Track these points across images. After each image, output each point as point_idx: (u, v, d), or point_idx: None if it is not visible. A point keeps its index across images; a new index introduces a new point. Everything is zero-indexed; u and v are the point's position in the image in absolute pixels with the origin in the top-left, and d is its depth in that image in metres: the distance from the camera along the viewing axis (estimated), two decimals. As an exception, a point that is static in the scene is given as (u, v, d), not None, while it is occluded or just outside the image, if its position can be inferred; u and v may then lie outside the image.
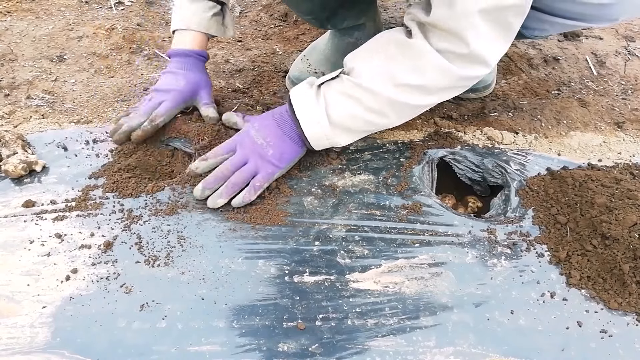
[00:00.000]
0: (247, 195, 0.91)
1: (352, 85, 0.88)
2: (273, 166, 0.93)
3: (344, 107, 0.90)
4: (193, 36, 1.05)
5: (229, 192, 0.91)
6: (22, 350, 0.72)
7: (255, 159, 0.93)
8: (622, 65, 1.35)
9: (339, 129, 0.92)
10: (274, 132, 0.94)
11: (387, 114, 0.90)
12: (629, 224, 0.83)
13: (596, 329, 0.77)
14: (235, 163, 0.92)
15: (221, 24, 1.09)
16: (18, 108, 1.14)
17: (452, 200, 1.03)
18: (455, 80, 0.87)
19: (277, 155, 0.93)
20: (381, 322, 0.77)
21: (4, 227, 0.88)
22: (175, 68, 1.04)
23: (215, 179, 0.91)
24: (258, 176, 0.92)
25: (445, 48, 0.83)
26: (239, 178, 0.91)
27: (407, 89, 0.87)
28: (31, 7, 1.49)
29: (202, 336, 0.74)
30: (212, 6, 1.05)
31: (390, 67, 0.87)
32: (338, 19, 1.15)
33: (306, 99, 0.91)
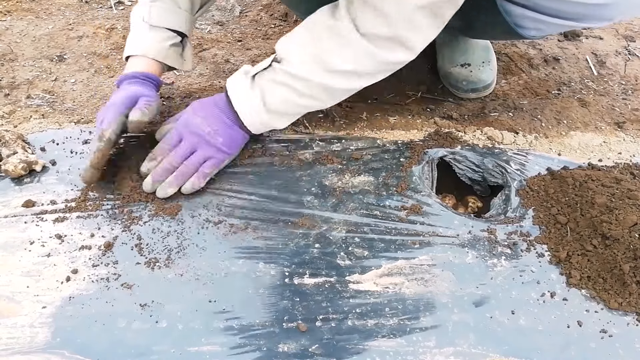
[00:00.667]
0: (197, 182, 0.92)
1: (285, 74, 0.91)
2: (223, 153, 0.95)
3: (279, 95, 0.92)
4: (147, 64, 1.01)
5: (178, 181, 0.92)
6: (22, 350, 0.72)
7: (204, 147, 0.93)
8: (622, 65, 1.35)
9: (275, 114, 0.95)
10: (220, 119, 0.95)
11: (319, 98, 0.94)
12: (629, 224, 0.83)
13: (596, 329, 0.77)
14: (182, 153, 0.93)
15: (179, 55, 1.05)
16: (18, 108, 1.14)
17: (452, 200, 1.03)
18: (379, 64, 0.90)
19: (227, 142, 0.95)
20: (381, 323, 0.77)
21: (4, 227, 0.88)
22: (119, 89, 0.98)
23: (163, 171, 0.92)
24: (207, 163, 0.94)
25: (372, 32, 0.85)
26: (188, 167, 0.92)
27: (337, 74, 0.90)
28: (31, 7, 1.49)
29: (202, 336, 0.75)
30: (172, 36, 1.02)
31: (320, 53, 0.89)
32: None
33: (242, 89, 0.94)
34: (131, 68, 1.01)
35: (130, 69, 1.01)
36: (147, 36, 1.01)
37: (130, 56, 1.02)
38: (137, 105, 0.95)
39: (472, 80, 1.20)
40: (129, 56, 1.02)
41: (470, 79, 1.20)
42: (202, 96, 1.18)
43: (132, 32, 1.03)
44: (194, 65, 1.12)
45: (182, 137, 0.94)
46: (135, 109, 0.94)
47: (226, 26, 1.51)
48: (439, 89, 1.25)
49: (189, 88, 1.22)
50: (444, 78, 1.25)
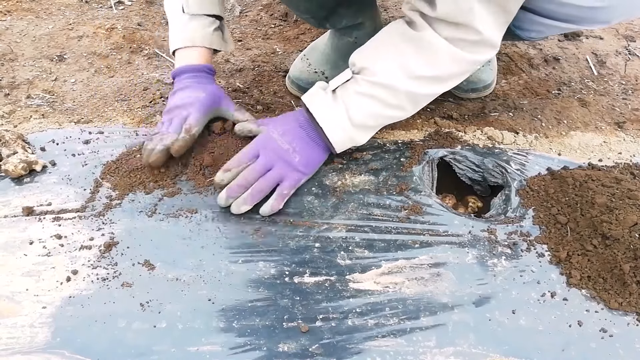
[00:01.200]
0: (275, 204, 0.90)
1: (369, 84, 0.89)
2: (300, 173, 0.92)
3: (365, 108, 0.90)
4: (199, 52, 1.03)
5: (254, 198, 0.89)
6: (22, 350, 0.72)
7: (280, 165, 0.91)
8: (622, 65, 1.35)
9: (361, 128, 0.92)
10: (299, 136, 0.93)
11: (405, 107, 0.92)
12: (630, 224, 0.83)
13: (596, 328, 0.77)
14: (259, 169, 0.90)
15: (222, 38, 1.07)
16: (18, 108, 1.14)
17: (452, 200, 1.03)
18: (466, 66, 0.90)
19: (304, 162, 0.92)
20: (381, 323, 0.77)
21: (4, 227, 0.88)
22: (188, 83, 1.00)
23: (239, 187, 0.89)
24: (285, 183, 0.91)
25: (456, 36, 0.85)
26: (263, 185, 0.90)
27: (423, 80, 0.89)
28: (31, 7, 1.49)
29: (202, 336, 0.74)
30: (212, 21, 1.04)
31: (403, 61, 0.88)
32: (336, 19, 1.14)
33: (324, 105, 0.91)
34: (184, 60, 1.02)
35: (184, 61, 1.02)
36: (189, 26, 1.02)
37: (178, 49, 1.03)
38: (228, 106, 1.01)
39: (472, 80, 1.20)
40: (175, 50, 1.04)
41: (471, 78, 1.20)
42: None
43: (173, 24, 1.05)
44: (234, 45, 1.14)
45: (259, 151, 0.92)
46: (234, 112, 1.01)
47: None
48: (439, 88, 1.25)
49: (189, 88, 1.22)
50: (444, 78, 1.24)
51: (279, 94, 1.22)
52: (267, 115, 1.13)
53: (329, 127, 0.91)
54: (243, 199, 0.89)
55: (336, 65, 1.20)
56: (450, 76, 0.91)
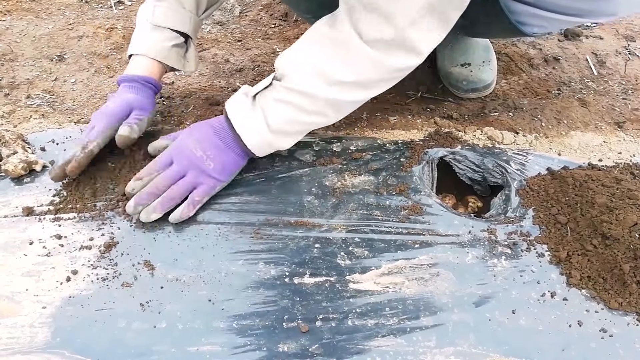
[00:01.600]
0: (186, 211, 0.87)
1: (286, 91, 0.86)
2: (214, 180, 0.90)
3: (282, 114, 0.88)
4: (148, 64, 1.00)
5: (164, 206, 0.87)
6: (22, 350, 0.72)
7: (194, 172, 0.88)
8: (622, 65, 1.35)
9: (280, 134, 0.90)
10: (214, 143, 0.90)
11: (326, 113, 0.89)
12: (630, 224, 0.83)
13: (596, 328, 0.77)
14: (170, 176, 0.88)
15: (182, 56, 1.04)
16: (18, 107, 1.14)
17: (452, 200, 1.03)
18: (387, 72, 0.86)
19: (219, 169, 0.90)
20: (381, 323, 0.77)
21: (4, 228, 0.88)
22: (117, 93, 0.99)
23: (149, 195, 0.87)
24: (198, 190, 0.89)
25: (376, 37, 0.81)
26: (175, 192, 0.87)
27: (342, 86, 0.85)
28: (31, 7, 1.49)
29: (202, 336, 0.74)
30: (175, 37, 1.02)
31: (321, 65, 0.85)
32: None
33: (243, 110, 0.90)
34: (132, 68, 1.01)
35: (131, 70, 1.01)
36: (149, 36, 1.00)
37: (133, 55, 1.02)
38: (128, 119, 0.95)
39: (472, 80, 1.20)
40: (131, 55, 1.02)
41: (471, 78, 1.20)
42: (202, 96, 1.18)
43: (136, 31, 1.03)
44: (197, 67, 1.10)
45: (172, 159, 0.90)
46: (124, 124, 0.94)
47: (226, 26, 1.51)
48: (439, 88, 1.25)
49: (189, 88, 1.22)
50: (444, 78, 1.25)
51: (279, 94, 1.22)
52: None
53: (244, 131, 0.89)
54: (153, 206, 0.87)
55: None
56: (371, 82, 0.87)
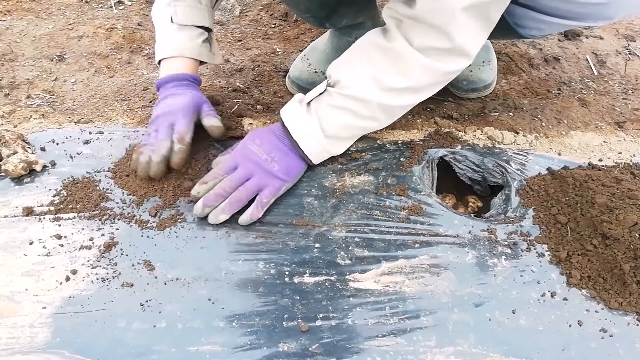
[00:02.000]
0: (255, 212, 0.88)
1: (342, 97, 0.89)
2: (280, 180, 0.91)
3: (337, 119, 0.91)
4: (185, 63, 1.01)
5: (232, 207, 0.88)
6: (22, 350, 0.72)
7: (260, 173, 0.90)
8: (622, 65, 1.35)
9: (335, 139, 0.94)
10: (277, 147, 0.92)
11: (378, 118, 0.93)
12: (630, 224, 0.83)
13: (596, 328, 0.77)
14: (237, 179, 0.89)
15: (209, 50, 1.06)
16: (18, 107, 1.14)
17: (452, 200, 1.03)
18: (439, 76, 0.90)
19: (284, 170, 0.91)
20: (381, 322, 0.77)
21: (4, 228, 0.88)
22: (172, 91, 0.98)
23: (216, 196, 0.88)
24: (265, 191, 0.89)
25: (427, 45, 0.85)
26: (242, 193, 0.88)
27: (395, 92, 0.89)
28: (31, 7, 1.49)
29: (202, 336, 0.74)
30: (201, 33, 1.03)
31: (375, 73, 0.88)
32: (337, 18, 1.14)
33: (299, 117, 0.92)
34: (170, 69, 1.01)
35: (170, 71, 1.01)
36: (177, 36, 1.01)
37: (164, 58, 1.02)
38: (205, 112, 0.98)
39: (473, 80, 1.20)
40: (161, 59, 1.02)
41: (471, 78, 1.20)
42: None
43: (161, 33, 1.03)
44: (222, 58, 1.13)
45: (237, 163, 0.91)
46: (208, 117, 0.97)
47: (226, 26, 1.51)
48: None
49: (189, 88, 1.22)
50: (444, 78, 1.25)
51: (279, 94, 1.22)
52: (267, 115, 1.13)
53: (302, 139, 0.91)
54: (221, 208, 0.87)
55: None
56: (423, 87, 0.91)
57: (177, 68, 1.01)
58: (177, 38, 1.01)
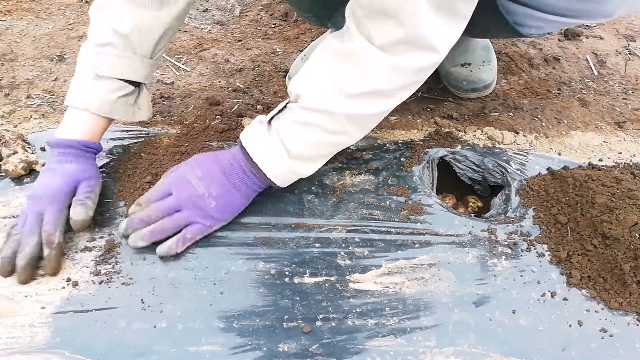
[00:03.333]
0: (174, 247, 0.82)
1: (304, 112, 0.80)
2: (213, 219, 0.85)
3: (301, 137, 0.82)
4: (87, 120, 0.89)
5: (153, 236, 0.82)
6: (22, 350, 0.72)
7: (191, 208, 0.83)
8: (622, 65, 1.35)
9: (301, 160, 0.84)
10: (220, 182, 0.84)
11: (348, 131, 0.83)
12: (630, 224, 0.83)
13: (596, 328, 0.77)
14: (166, 209, 0.83)
15: (131, 105, 0.94)
16: (18, 107, 1.14)
17: (452, 200, 1.03)
18: (409, 75, 0.80)
19: (220, 208, 0.84)
20: (381, 322, 0.77)
21: (4, 228, 0.88)
22: (52, 164, 0.86)
23: (140, 221, 0.82)
24: (192, 227, 0.83)
25: (384, 39, 0.75)
26: (168, 224, 0.82)
27: (362, 97, 0.80)
28: (31, 7, 1.49)
29: (202, 336, 0.74)
30: (123, 86, 0.91)
31: (337, 80, 0.79)
32: (339, 18, 1.14)
33: (259, 138, 0.83)
34: (69, 127, 0.89)
35: (67, 129, 0.89)
36: (91, 86, 0.89)
37: (70, 107, 0.90)
38: (78, 196, 0.85)
39: (473, 80, 1.20)
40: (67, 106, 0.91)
41: (471, 78, 1.20)
42: (202, 96, 1.18)
43: (76, 77, 0.91)
44: (151, 112, 1.00)
45: (172, 190, 0.84)
46: (76, 204, 0.84)
47: (226, 26, 1.51)
48: (439, 88, 1.25)
49: (189, 88, 1.22)
50: (444, 77, 1.25)
51: (279, 94, 1.22)
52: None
53: (263, 161, 0.83)
54: (141, 234, 0.82)
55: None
56: (391, 89, 0.81)
57: (77, 126, 0.89)
58: (89, 88, 0.89)
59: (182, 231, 0.83)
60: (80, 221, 0.83)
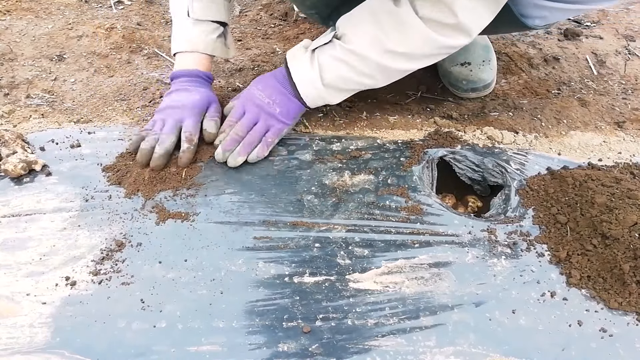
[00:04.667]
0: (261, 151, 0.98)
1: (344, 51, 0.94)
2: (282, 123, 1.01)
3: (337, 71, 0.96)
4: (199, 58, 1.06)
5: (246, 150, 0.97)
6: (22, 350, 0.72)
7: (264, 117, 1.00)
8: (622, 65, 1.35)
9: (332, 89, 0.99)
10: (278, 91, 1.00)
11: (375, 77, 0.98)
12: (629, 224, 0.83)
13: (596, 328, 0.77)
14: (247, 124, 0.99)
15: (224, 45, 1.10)
16: (18, 107, 1.13)
17: (452, 200, 1.03)
18: (437, 49, 0.94)
19: (285, 112, 1.00)
20: (381, 322, 0.77)
21: (4, 228, 0.88)
22: (184, 86, 1.03)
23: (232, 141, 0.97)
24: (269, 133, 1.00)
25: (432, 17, 0.88)
26: (252, 137, 0.98)
27: (394, 55, 0.93)
28: (31, 6, 1.49)
29: (202, 336, 0.74)
30: (216, 27, 1.06)
31: (379, 34, 0.92)
32: (340, 16, 1.14)
33: (301, 62, 0.98)
34: (184, 64, 1.05)
35: (184, 66, 1.05)
36: (193, 31, 1.05)
37: (179, 52, 1.06)
38: (209, 113, 1.02)
39: (472, 80, 1.20)
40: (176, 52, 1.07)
41: (470, 78, 1.20)
42: (202, 96, 1.18)
43: (177, 27, 1.07)
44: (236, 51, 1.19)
45: (245, 109, 1.00)
46: (209, 120, 1.01)
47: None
48: (439, 88, 1.25)
49: (189, 88, 1.22)
50: (444, 77, 1.25)
51: (278, 94, 1.22)
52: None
53: (301, 82, 0.98)
54: (237, 151, 0.97)
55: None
56: (418, 56, 0.95)
57: (190, 63, 1.05)
58: (192, 33, 1.05)
59: (263, 138, 0.99)
60: (213, 134, 1.00)
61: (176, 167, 0.97)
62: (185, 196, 0.93)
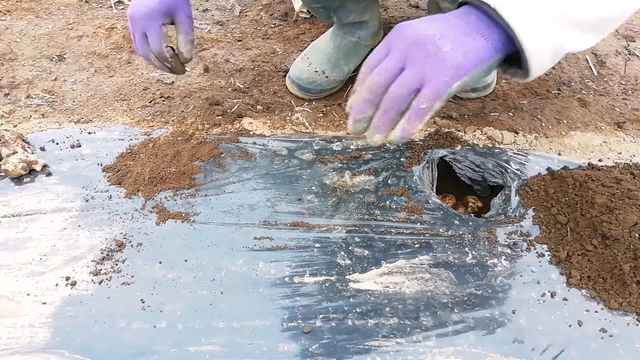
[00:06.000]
0: (408, 127, 0.60)
1: None
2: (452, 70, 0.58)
3: None
4: None
5: (386, 118, 0.61)
6: (22, 350, 0.72)
7: (419, 59, 0.59)
8: (622, 65, 1.35)
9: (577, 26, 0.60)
10: (454, 24, 0.61)
11: None
12: (630, 224, 0.83)
13: (596, 328, 0.77)
14: (388, 69, 0.61)
15: None
16: (18, 107, 1.13)
17: (452, 200, 1.03)
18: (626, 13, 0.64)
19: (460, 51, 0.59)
20: (381, 322, 0.77)
21: (4, 227, 0.88)
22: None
23: (364, 104, 0.62)
24: (424, 90, 0.59)
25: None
26: (395, 93, 0.60)
27: None
28: (31, 6, 1.49)
29: (202, 336, 0.74)
30: None
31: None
32: (345, 12, 1.14)
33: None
34: None
35: None
36: None
37: None
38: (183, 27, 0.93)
39: (474, 80, 1.17)
40: None
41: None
42: (202, 95, 1.18)
43: None
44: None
45: (390, 47, 0.62)
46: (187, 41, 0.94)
47: (226, 26, 1.51)
48: (439, 88, 1.25)
49: (189, 88, 1.22)
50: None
51: (279, 94, 1.22)
52: (267, 115, 1.13)
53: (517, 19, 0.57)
54: (374, 126, 0.62)
55: (337, 65, 1.20)
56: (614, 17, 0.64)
57: None
58: None
59: (414, 100, 0.60)
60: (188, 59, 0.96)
61: None
62: (185, 196, 0.93)
